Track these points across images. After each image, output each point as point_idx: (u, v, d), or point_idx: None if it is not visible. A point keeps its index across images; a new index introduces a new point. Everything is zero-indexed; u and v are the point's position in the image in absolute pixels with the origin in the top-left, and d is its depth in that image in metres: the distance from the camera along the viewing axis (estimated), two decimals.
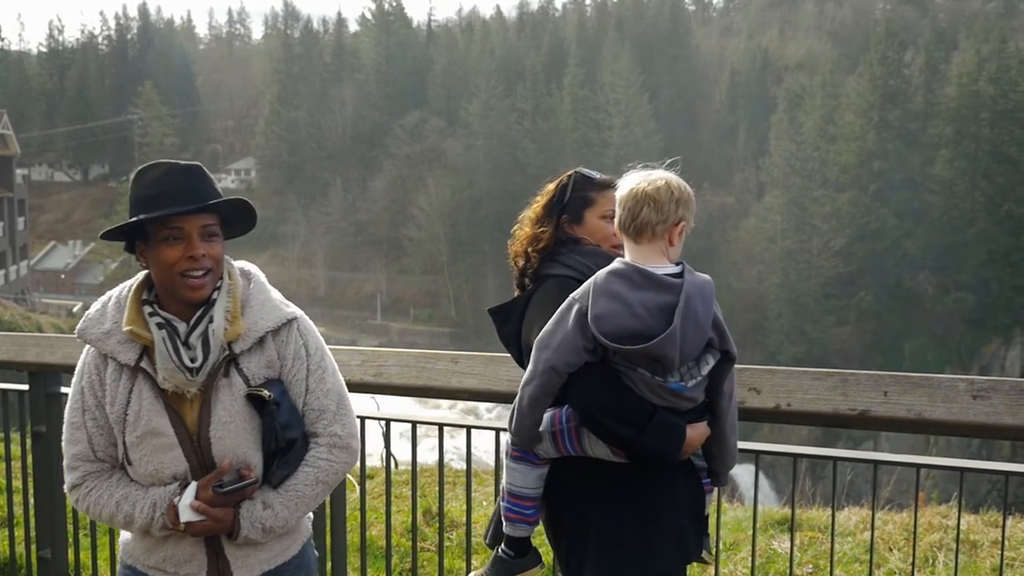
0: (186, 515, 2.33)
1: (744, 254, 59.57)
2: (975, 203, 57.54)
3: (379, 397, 4.09)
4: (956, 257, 55.72)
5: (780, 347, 54.09)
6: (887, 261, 56.56)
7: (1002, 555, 3.22)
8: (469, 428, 3.51)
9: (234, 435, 2.39)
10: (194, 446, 2.39)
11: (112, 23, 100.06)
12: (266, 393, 2.39)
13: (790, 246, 57.81)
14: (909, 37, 68.05)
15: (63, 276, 71.54)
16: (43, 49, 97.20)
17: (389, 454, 3.77)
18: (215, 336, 2.37)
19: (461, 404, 33.65)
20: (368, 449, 3.70)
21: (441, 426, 3.54)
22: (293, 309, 2.54)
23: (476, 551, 4.90)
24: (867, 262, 56.71)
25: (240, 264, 2.58)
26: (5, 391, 4.13)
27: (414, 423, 3.58)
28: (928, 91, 62.27)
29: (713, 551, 2.88)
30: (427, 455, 6.31)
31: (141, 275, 2.50)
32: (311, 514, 2.70)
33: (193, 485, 2.36)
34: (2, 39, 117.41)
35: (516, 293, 2.97)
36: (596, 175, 2.96)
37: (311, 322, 2.60)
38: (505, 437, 3.41)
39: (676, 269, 2.44)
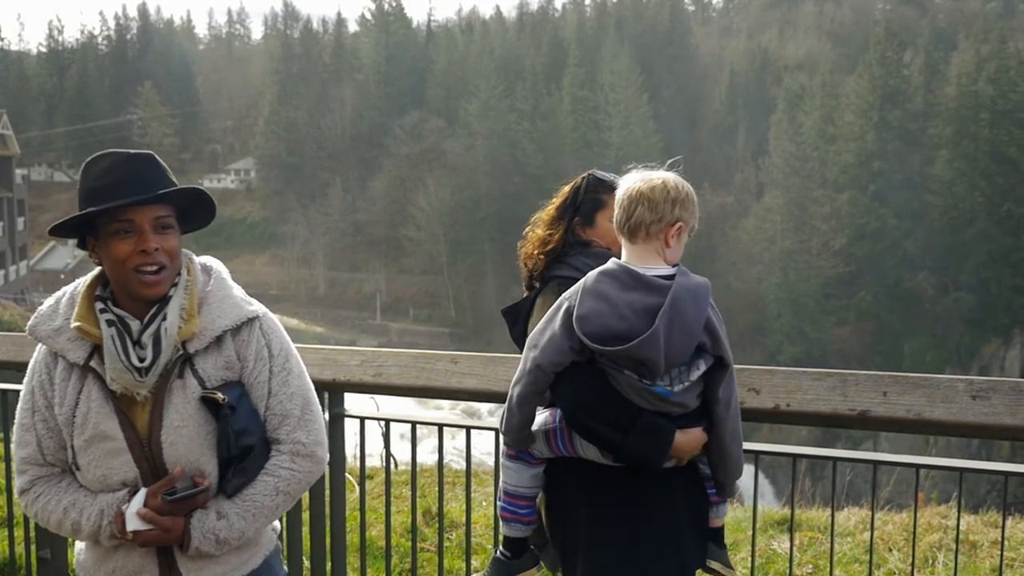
0: (133, 524, 2.21)
1: (743, 254, 59.58)
2: (974, 203, 57.57)
3: (378, 397, 4.09)
4: (955, 257, 55.74)
5: (779, 347, 54.11)
6: (886, 261, 56.59)
7: (1001, 555, 3.22)
8: (469, 428, 3.52)
9: (187, 440, 2.25)
10: (144, 451, 2.26)
11: (112, 23, 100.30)
12: (220, 396, 2.24)
13: (789, 246, 57.83)
14: (908, 37, 68.11)
15: (62, 276, 71.36)
16: (43, 49, 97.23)
17: (389, 454, 3.77)
18: (167, 335, 2.24)
19: (463, 405, 33.68)
20: (368, 450, 3.71)
21: (441, 426, 3.54)
22: (256, 307, 2.42)
23: (475, 551, 4.90)
24: (866, 262, 56.73)
25: (202, 259, 2.47)
26: (5, 391, 4.12)
27: (413, 423, 3.58)
28: (927, 91, 62.30)
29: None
30: (428, 456, 6.32)
31: (97, 270, 2.36)
32: (277, 525, 2.59)
33: (142, 492, 2.24)
34: (2, 39, 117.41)
35: (525, 294, 2.98)
36: (609, 177, 2.91)
37: (276, 321, 2.48)
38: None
39: (670, 271, 2.40)
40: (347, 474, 3.80)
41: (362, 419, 3.59)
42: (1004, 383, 2.77)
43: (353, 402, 3.67)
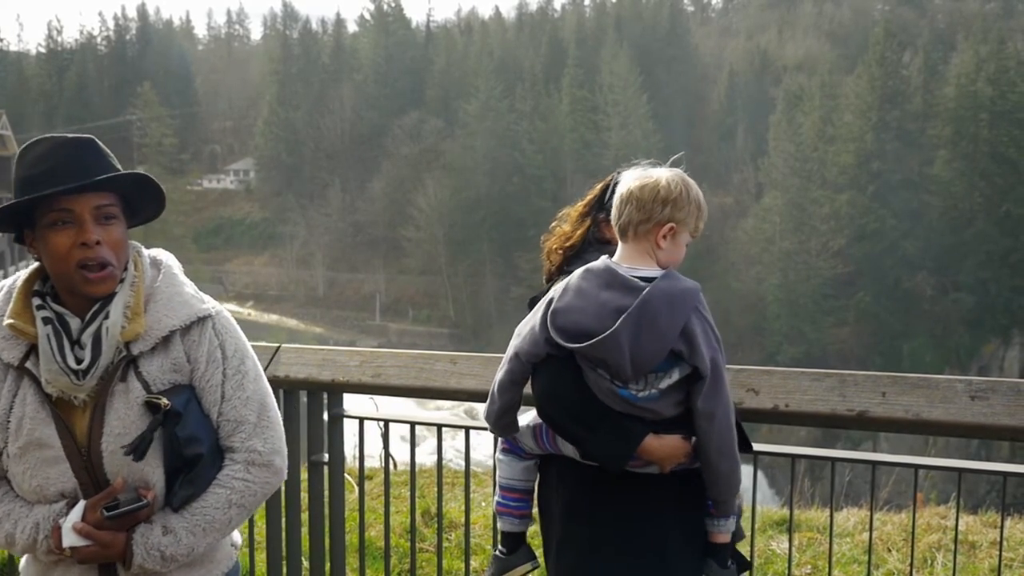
0: (69, 539, 2.04)
1: (743, 255, 59.60)
2: (973, 204, 57.59)
3: (377, 398, 4.09)
4: (955, 258, 55.75)
5: (779, 348, 54.10)
6: (886, 262, 56.59)
7: (1000, 555, 3.22)
8: (468, 429, 3.51)
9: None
10: (83, 460, 2.09)
11: (111, 24, 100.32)
12: (163, 401, 2.07)
13: (789, 247, 57.84)
14: (908, 38, 68.12)
15: None
16: (42, 50, 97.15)
17: (388, 455, 3.77)
18: (108, 335, 2.07)
19: (464, 405, 33.66)
20: (368, 450, 3.71)
21: (440, 427, 3.54)
22: (209, 305, 2.22)
23: (475, 552, 4.90)
24: (866, 263, 56.74)
25: (152, 252, 2.28)
26: None
27: (412, 423, 3.58)
28: (926, 92, 62.30)
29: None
30: (428, 457, 6.31)
31: (37, 263, 2.18)
32: (238, 539, 2.42)
33: (80, 505, 2.07)
34: (1, 40, 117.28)
35: (545, 287, 3.00)
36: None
37: (231, 320, 2.28)
38: None
39: (655, 273, 2.35)
40: (346, 474, 3.80)
41: (361, 419, 3.59)
42: (1003, 383, 2.77)
43: (352, 403, 3.68)
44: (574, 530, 2.51)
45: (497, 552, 2.76)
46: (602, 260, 2.42)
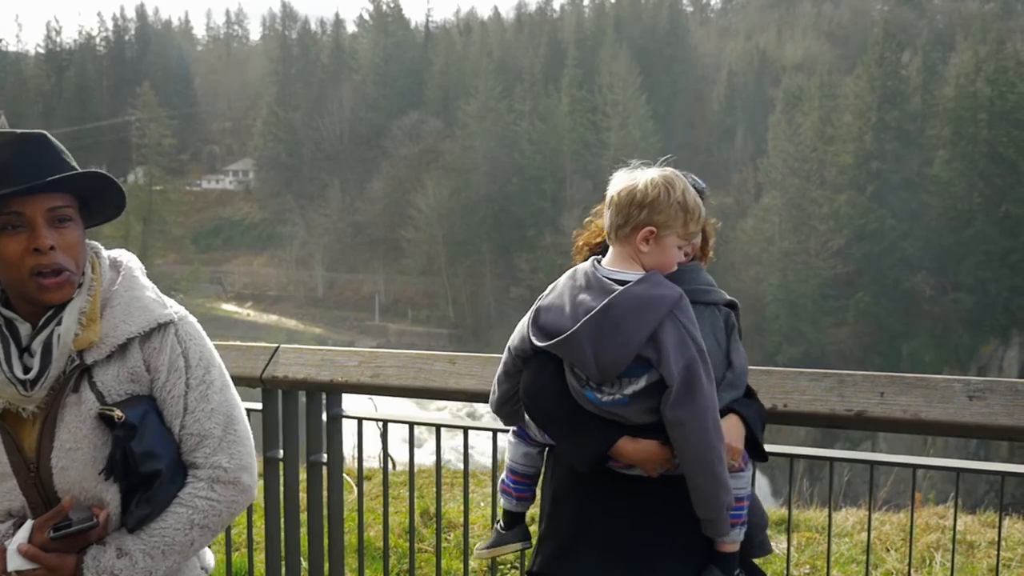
0: (14, 562, 1.91)
1: (742, 255, 59.60)
2: (973, 204, 57.61)
3: (376, 398, 4.09)
4: (954, 258, 55.79)
5: (778, 348, 54.12)
6: (885, 262, 56.61)
7: (998, 555, 3.22)
8: (466, 429, 3.52)
9: (81, 465, 1.95)
10: (32, 477, 1.97)
11: (110, 24, 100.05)
12: (117, 413, 1.94)
13: (788, 247, 57.86)
14: (907, 38, 68.16)
15: None
16: (40, 50, 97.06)
17: (387, 455, 3.77)
18: (60, 342, 1.94)
19: (465, 406, 33.69)
20: (367, 452, 3.71)
21: (438, 427, 3.54)
22: (172, 310, 2.08)
23: (473, 552, 4.90)
24: (865, 263, 56.77)
25: (113, 253, 2.14)
26: None
27: (411, 424, 3.58)
28: (926, 92, 62.33)
29: None
30: (427, 457, 6.31)
31: None
32: (210, 560, 2.28)
33: (28, 525, 1.95)
34: (0, 40, 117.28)
35: None
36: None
37: (197, 326, 2.14)
38: (502, 437, 3.42)
39: (634, 276, 2.32)
40: (345, 475, 3.81)
41: (360, 420, 3.59)
42: (1001, 383, 2.77)
43: (351, 403, 3.68)
44: (556, 524, 2.53)
45: (497, 526, 2.81)
46: (590, 261, 2.42)
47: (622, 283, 2.30)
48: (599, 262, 2.41)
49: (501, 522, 2.80)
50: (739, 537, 2.46)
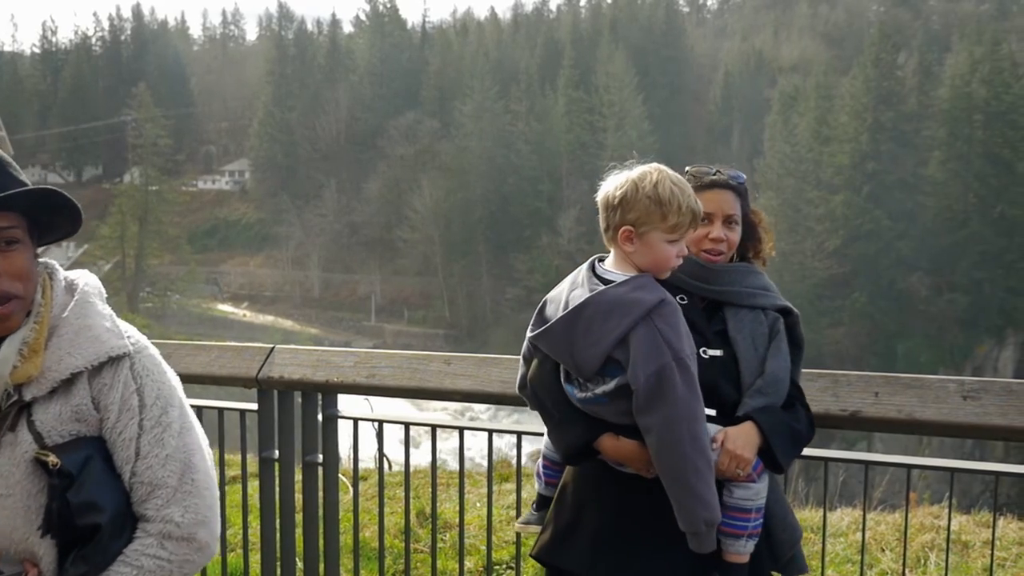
0: None
1: None
2: (968, 204, 57.72)
3: (373, 399, 4.09)
4: (949, 258, 55.87)
5: None
6: (881, 262, 56.69)
7: (992, 555, 3.23)
8: (462, 429, 3.52)
9: (11, 514, 1.75)
10: None
11: (106, 24, 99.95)
12: (51, 459, 1.72)
13: (784, 247, 57.85)
14: (902, 39, 68.26)
15: None
16: (36, 50, 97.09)
17: (382, 455, 3.77)
18: None
19: (467, 407, 33.68)
20: (363, 452, 3.71)
21: (434, 427, 3.55)
22: (128, 341, 1.86)
23: (469, 552, 4.91)
24: (861, 263, 56.83)
25: (71, 275, 1.96)
26: None
27: (407, 424, 3.58)
28: (921, 93, 62.44)
29: None
30: (422, 457, 6.31)
31: None
32: None
33: None
34: None
35: None
36: (701, 170, 2.66)
37: (157, 360, 1.91)
38: (498, 437, 3.43)
39: (621, 276, 2.32)
40: (340, 475, 3.81)
41: (355, 420, 3.59)
42: (995, 384, 2.78)
43: (347, 403, 3.68)
44: (558, 512, 2.56)
45: (532, 506, 2.81)
46: (592, 259, 2.44)
47: (609, 283, 2.31)
48: (602, 260, 2.42)
49: (534, 504, 2.81)
50: (745, 549, 2.41)
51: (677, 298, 2.43)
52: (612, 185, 2.35)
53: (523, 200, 66.64)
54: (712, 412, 2.39)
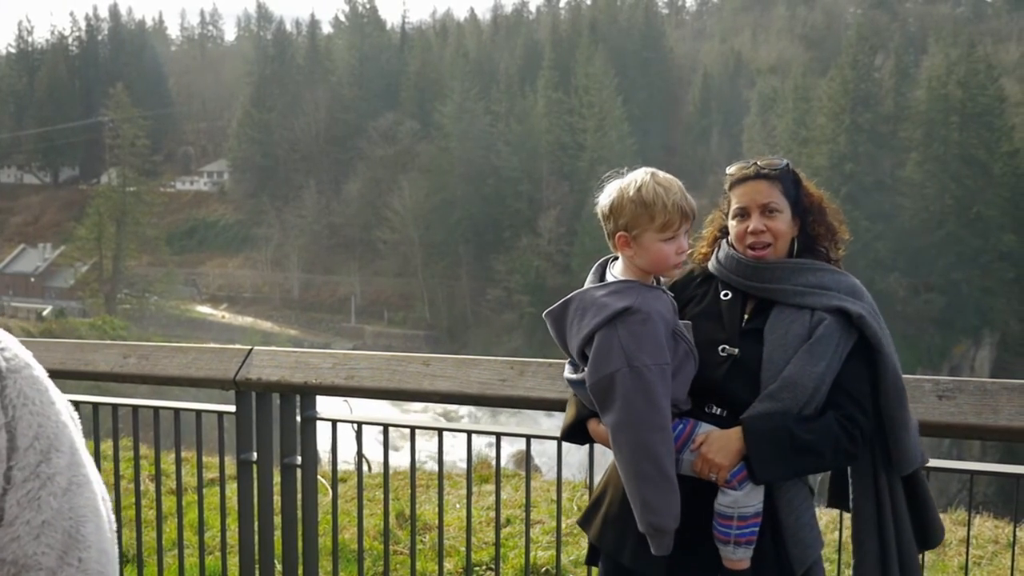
0: None
1: None
2: (944, 205, 58.19)
3: (352, 401, 4.08)
4: (926, 259, 56.31)
5: None
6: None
7: (968, 553, 3.26)
8: (440, 431, 3.52)
9: None
10: None
11: (82, 24, 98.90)
12: None
13: None
14: (879, 41, 68.75)
15: (32, 280, 70.75)
16: (12, 50, 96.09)
17: (361, 457, 3.76)
18: None
19: (450, 409, 33.64)
20: (342, 455, 3.70)
21: (413, 428, 3.54)
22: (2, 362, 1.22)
23: (449, 554, 4.90)
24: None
25: None
26: None
27: (385, 426, 3.58)
28: (898, 94, 62.91)
29: None
30: (402, 460, 6.29)
31: None
32: None
33: None
34: None
35: None
36: (737, 167, 2.63)
37: (44, 382, 1.26)
38: (478, 439, 3.43)
39: (617, 280, 2.41)
40: (319, 477, 3.80)
41: (334, 422, 3.58)
42: (970, 383, 2.81)
43: (326, 405, 3.67)
44: (602, 493, 2.60)
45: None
46: (605, 259, 2.55)
47: (604, 284, 2.44)
48: (614, 262, 2.52)
49: None
50: (735, 555, 2.36)
51: (721, 294, 2.49)
52: (604, 195, 2.44)
53: (503, 201, 66.61)
54: (718, 412, 2.40)
